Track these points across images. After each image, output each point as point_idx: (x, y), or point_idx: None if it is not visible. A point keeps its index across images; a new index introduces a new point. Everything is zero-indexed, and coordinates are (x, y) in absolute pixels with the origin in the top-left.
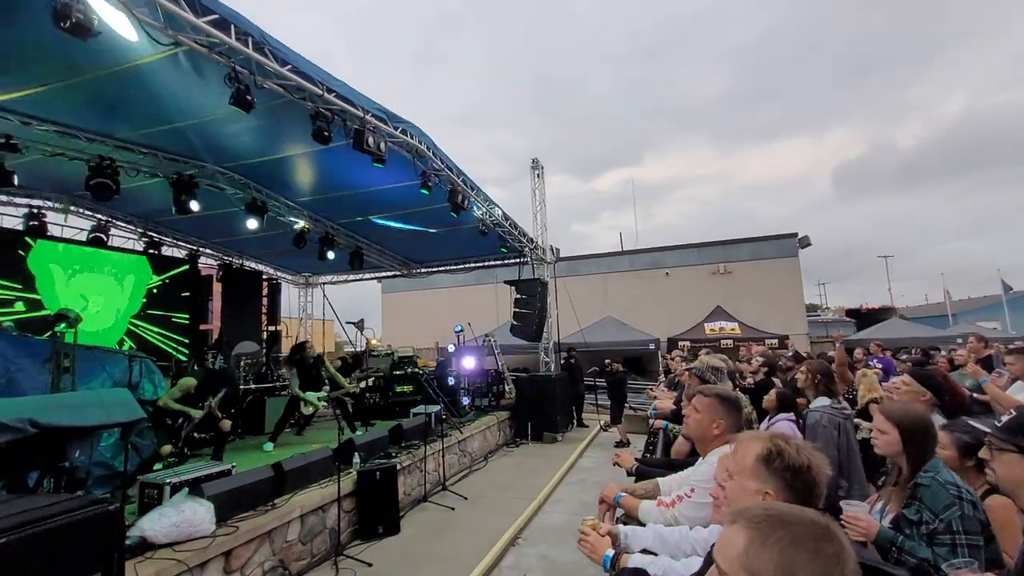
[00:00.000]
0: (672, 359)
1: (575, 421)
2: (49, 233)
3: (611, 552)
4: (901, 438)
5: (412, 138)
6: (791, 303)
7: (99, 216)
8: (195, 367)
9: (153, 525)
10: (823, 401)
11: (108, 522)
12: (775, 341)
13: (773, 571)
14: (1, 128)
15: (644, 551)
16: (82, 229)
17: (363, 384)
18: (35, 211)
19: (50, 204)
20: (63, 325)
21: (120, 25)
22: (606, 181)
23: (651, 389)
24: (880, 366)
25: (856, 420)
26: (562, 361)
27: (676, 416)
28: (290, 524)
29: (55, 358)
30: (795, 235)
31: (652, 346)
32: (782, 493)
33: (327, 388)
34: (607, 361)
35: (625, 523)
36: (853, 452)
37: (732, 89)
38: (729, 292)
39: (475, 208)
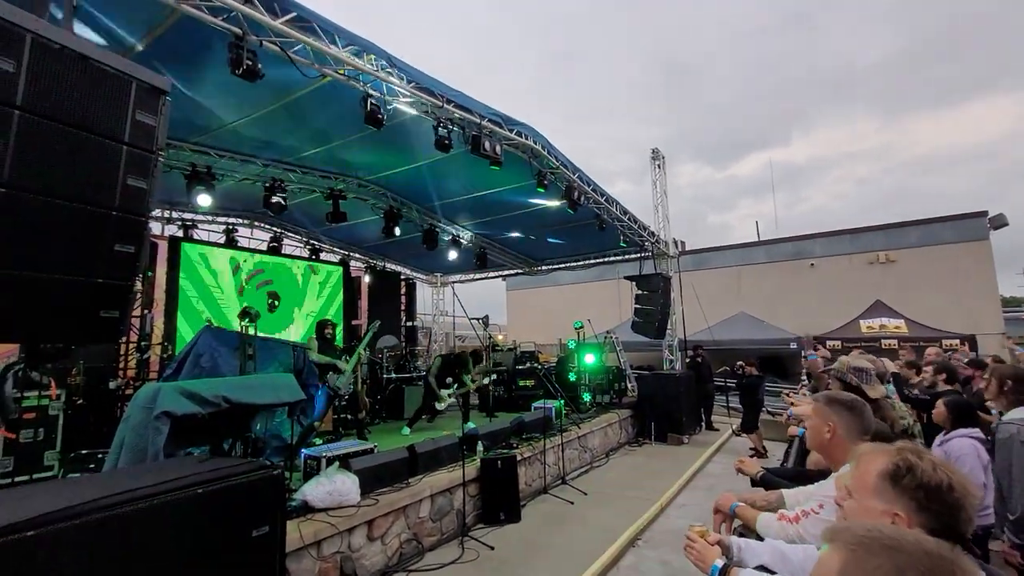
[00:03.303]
0: (813, 360)
1: (704, 423)
2: (239, 244)
3: (720, 563)
4: None
5: (527, 139)
6: (979, 296)
7: (275, 229)
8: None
9: (313, 491)
10: (1020, 412)
11: (274, 484)
12: (956, 341)
13: None
14: (204, 161)
15: (760, 568)
16: (263, 240)
17: (486, 380)
18: (230, 227)
19: (240, 221)
20: (247, 320)
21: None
22: (745, 166)
23: (788, 393)
24: None
25: None
26: (688, 359)
27: None
28: (422, 502)
29: (242, 347)
30: (984, 213)
31: (793, 345)
32: (916, 516)
33: (456, 387)
34: (739, 363)
35: (742, 535)
36: None
37: (903, 48)
38: (892, 284)
39: (592, 204)
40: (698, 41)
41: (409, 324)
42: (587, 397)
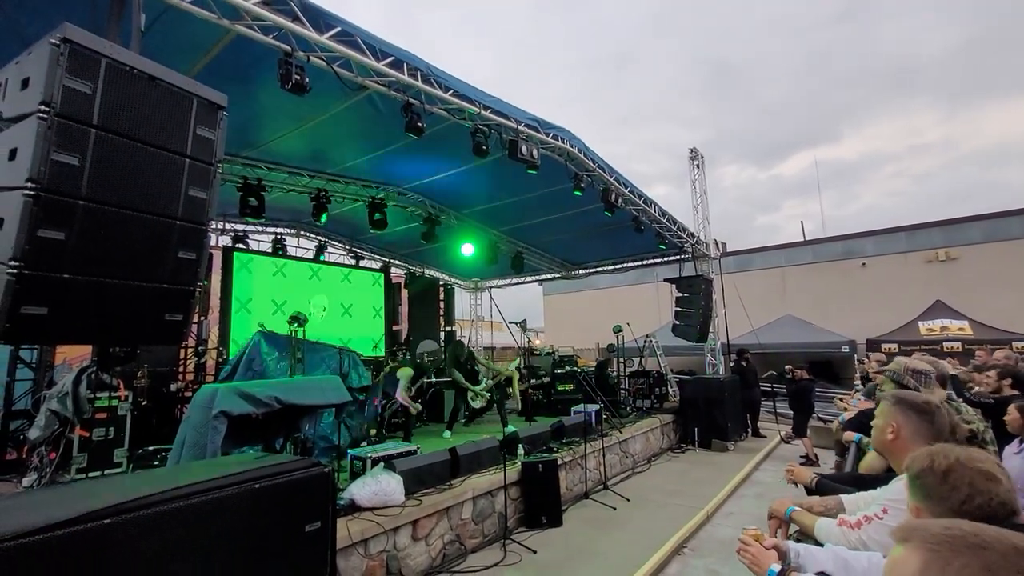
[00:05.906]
0: (870, 363)
1: (750, 430)
2: (287, 253)
3: (776, 568)
4: None
5: (563, 142)
6: None
7: (320, 237)
8: (406, 358)
9: (359, 491)
10: None
11: (324, 481)
12: None
13: None
14: (255, 174)
15: (820, 575)
16: (309, 248)
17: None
18: (279, 237)
19: (287, 231)
20: (295, 325)
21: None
22: (791, 165)
23: (841, 398)
24: None
25: None
26: (732, 363)
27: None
28: (464, 504)
29: (291, 351)
30: None
31: (846, 349)
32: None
33: (485, 379)
34: (788, 367)
35: (799, 541)
36: None
37: (971, 37)
38: (954, 283)
39: (629, 206)
40: (744, 41)
41: (448, 329)
42: (628, 402)
